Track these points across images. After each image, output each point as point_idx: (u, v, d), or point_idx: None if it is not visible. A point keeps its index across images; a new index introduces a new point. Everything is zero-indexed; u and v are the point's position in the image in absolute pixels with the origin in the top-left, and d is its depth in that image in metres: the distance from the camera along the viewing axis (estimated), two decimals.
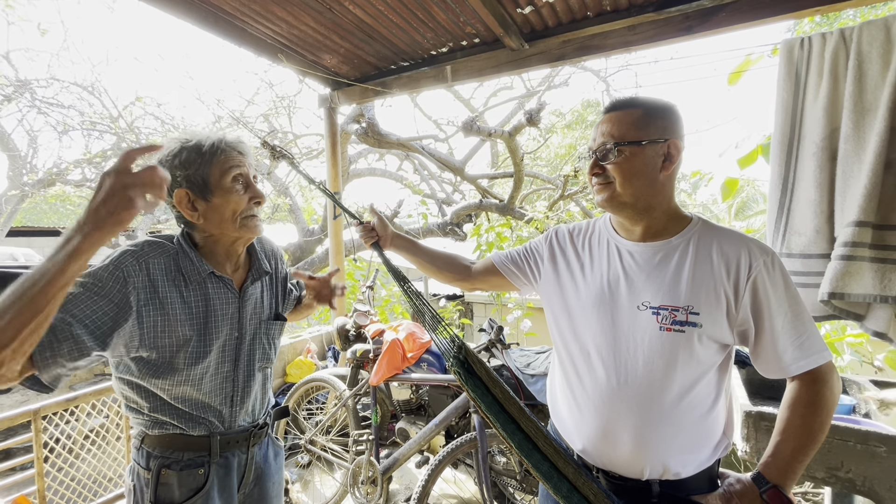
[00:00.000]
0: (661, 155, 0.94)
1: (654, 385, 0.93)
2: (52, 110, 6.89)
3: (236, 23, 2.67)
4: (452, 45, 2.90)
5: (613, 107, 0.98)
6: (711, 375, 0.94)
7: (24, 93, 6.69)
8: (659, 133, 0.93)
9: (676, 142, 0.94)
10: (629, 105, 0.96)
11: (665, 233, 0.99)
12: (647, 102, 0.96)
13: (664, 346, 0.91)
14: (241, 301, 1.12)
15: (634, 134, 0.93)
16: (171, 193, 1.02)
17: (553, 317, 1.10)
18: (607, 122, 0.97)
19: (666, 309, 0.92)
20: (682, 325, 0.90)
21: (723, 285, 0.91)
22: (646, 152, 0.93)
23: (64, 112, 6.79)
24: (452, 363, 1.08)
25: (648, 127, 0.93)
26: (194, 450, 1.06)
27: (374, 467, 2.02)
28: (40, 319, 0.70)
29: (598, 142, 0.97)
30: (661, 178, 0.95)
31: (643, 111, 0.94)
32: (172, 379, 1.00)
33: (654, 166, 0.94)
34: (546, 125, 9.32)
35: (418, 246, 1.37)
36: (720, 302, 0.91)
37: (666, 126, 0.94)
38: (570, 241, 1.14)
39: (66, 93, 6.82)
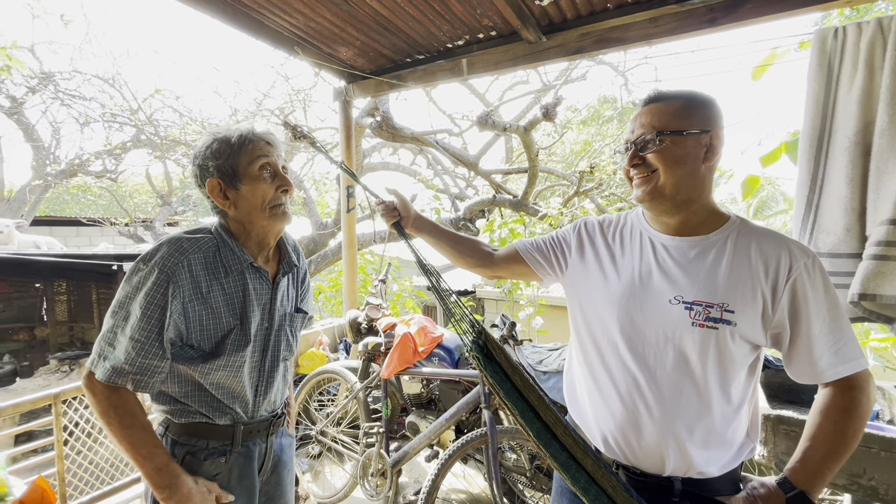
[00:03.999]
0: (704, 146, 0.92)
1: (683, 379, 0.91)
2: (74, 102, 7.03)
3: (254, 15, 2.68)
4: (469, 38, 2.87)
5: (653, 98, 0.96)
6: (741, 376, 0.92)
7: (48, 85, 6.83)
8: (701, 124, 0.92)
9: (719, 132, 0.93)
10: (669, 97, 0.95)
11: (702, 228, 0.97)
12: (688, 94, 0.94)
13: (696, 341, 0.90)
14: (273, 292, 1.15)
15: (676, 124, 0.92)
16: (204, 183, 1.07)
17: (579, 307, 1.09)
18: (647, 114, 0.95)
19: (700, 305, 0.90)
20: (716, 321, 0.89)
21: (760, 285, 0.89)
22: (688, 142, 0.91)
23: (85, 104, 6.92)
24: (472, 348, 1.06)
25: (690, 117, 0.92)
26: (218, 438, 1.08)
27: (384, 460, 2.02)
28: None
29: (638, 133, 0.96)
30: (702, 169, 0.93)
31: (684, 102, 0.93)
32: (214, 363, 1.03)
33: (696, 157, 0.92)
34: (561, 121, 9.21)
35: (441, 229, 1.34)
36: (756, 302, 0.89)
37: (708, 117, 0.93)
38: (601, 232, 1.12)
39: (87, 85, 6.97)
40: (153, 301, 0.96)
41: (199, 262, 1.02)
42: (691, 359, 0.91)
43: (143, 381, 0.97)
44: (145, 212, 10.87)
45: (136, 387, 0.97)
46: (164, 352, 0.98)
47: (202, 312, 1.01)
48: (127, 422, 0.98)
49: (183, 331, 1.00)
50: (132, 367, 0.95)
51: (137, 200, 11.44)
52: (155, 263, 0.97)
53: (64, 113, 8.60)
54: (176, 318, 0.98)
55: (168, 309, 0.96)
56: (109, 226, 8.93)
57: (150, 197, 11.20)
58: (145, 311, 0.95)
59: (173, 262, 0.98)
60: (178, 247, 1.01)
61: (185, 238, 1.04)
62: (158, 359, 0.97)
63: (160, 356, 0.97)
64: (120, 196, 9.20)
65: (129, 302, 0.97)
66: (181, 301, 0.98)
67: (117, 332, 0.97)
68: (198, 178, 1.08)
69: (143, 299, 0.95)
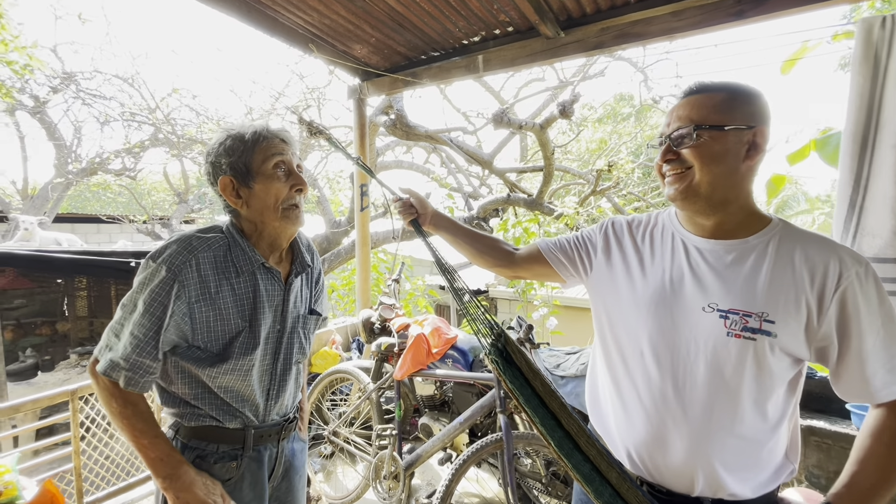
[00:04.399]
0: (746, 143, 0.85)
1: (716, 393, 0.86)
2: (94, 102, 7.16)
3: (268, 12, 2.67)
4: (485, 34, 2.82)
5: (693, 90, 0.89)
6: (780, 391, 0.86)
7: (70, 85, 6.97)
8: (745, 119, 0.85)
9: (764, 129, 0.85)
10: (711, 88, 0.88)
11: (740, 231, 0.90)
12: (732, 86, 0.87)
13: (731, 353, 0.84)
14: (286, 293, 1.12)
15: (717, 118, 0.85)
16: (216, 181, 1.04)
17: (605, 311, 1.03)
18: (685, 106, 0.88)
19: (736, 313, 0.84)
20: (754, 332, 0.82)
21: (805, 294, 0.82)
22: (728, 138, 0.84)
23: (105, 103, 7.05)
24: (490, 351, 1.02)
25: (733, 111, 0.85)
26: (229, 442, 1.06)
27: (397, 463, 2.00)
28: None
29: (673, 126, 0.89)
30: (742, 168, 0.86)
31: (727, 95, 0.86)
32: (221, 367, 1.00)
33: (736, 154, 0.85)
34: (577, 118, 9.08)
35: (459, 227, 1.29)
36: (800, 312, 0.82)
37: (753, 112, 0.85)
38: (629, 233, 1.05)
39: (107, 85, 7.10)
40: (157, 299, 0.94)
41: (208, 261, 1.00)
42: (725, 372, 0.85)
43: (133, 379, 0.95)
44: (163, 209, 11.05)
45: (127, 383, 0.95)
46: (157, 352, 0.96)
47: (209, 314, 0.99)
48: (129, 411, 0.96)
49: (187, 332, 0.98)
50: (126, 364, 0.94)
51: (156, 198, 11.64)
52: (163, 261, 0.95)
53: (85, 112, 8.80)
54: (178, 318, 0.96)
55: (170, 308, 0.94)
56: (128, 223, 9.11)
57: (167, 195, 11.39)
58: (148, 309, 0.93)
59: (181, 261, 0.96)
60: (187, 245, 0.99)
61: (195, 236, 1.02)
62: (152, 358, 0.95)
63: (153, 356, 0.95)
64: (139, 194, 9.37)
65: (136, 297, 0.95)
66: (186, 301, 0.96)
67: (124, 324, 0.96)
68: (210, 176, 1.06)
69: (147, 296, 0.94)
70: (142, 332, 0.93)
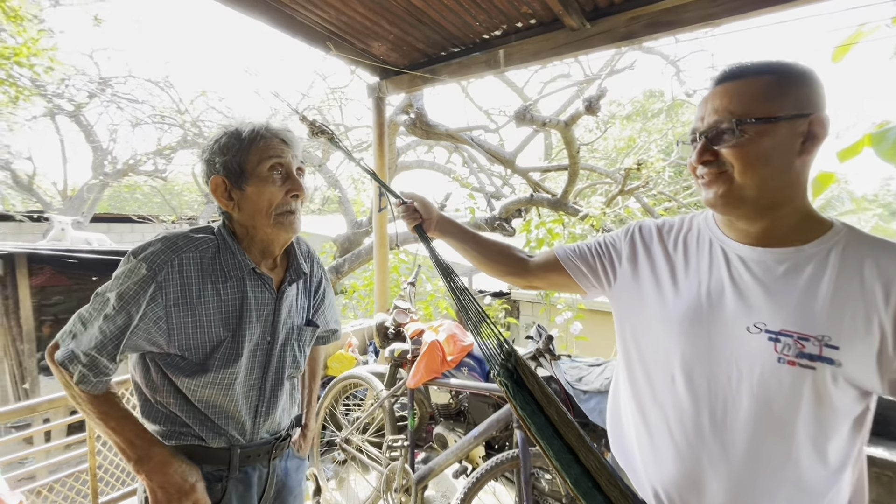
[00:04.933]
0: (801, 134, 0.71)
1: (763, 431, 0.72)
2: (128, 105, 7.41)
3: (286, 11, 2.64)
4: (506, 28, 2.71)
5: (730, 74, 0.75)
6: (844, 430, 0.72)
7: (105, 89, 7.22)
8: (798, 105, 0.71)
9: (821, 117, 0.71)
10: (753, 71, 0.73)
11: (794, 237, 0.76)
12: (779, 65, 0.73)
13: (782, 383, 0.70)
14: (277, 302, 1.04)
15: (764, 107, 0.71)
16: (208, 180, 0.98)
17: (630, 329, 0.91)
18: (722, 95, 0.74)
19: (790, 336, 0.71)
20: (812, 359, 0.69)
21: (877, 314, 0.68)
22: (779, 131, 0.71)
23: (138, 107, 7.27)
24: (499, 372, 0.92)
25: (783, 98, 0.71)
26: (213, 463, 0.99)
27: (409, 475, 1.91)
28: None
29: (710, 120, 0.75)
30: (796, 164, 0.72)
31: (775, 77, 0.72)
32: (200, 380, 0.94)
33: (789, 150, 0.71)
34: (604, 115, 8.81)
35: (468, 233, 1.19)
36: (871, 336, 0.68)
37: (807, 96, 0.71)
38: (659, 239, 0.92)
39: (140, 88, 7.34)
40: (131, 298, 0.88)
41: (193, 262, 0.93)
42: (775, 405, 0.71)
43: (87, 378, 0.89)
44: (193, 209, 11.38)
45: (80, 380, 0.89)
46: (117, 353, 0.89)
47: (187, 320, 0.92)
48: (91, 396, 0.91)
49: (160, 339, 0.91)
50: (85, 358, 0.88)
51: (188, 198, 12.00)
52: (143, 258, 0.89)
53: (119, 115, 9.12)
54: (150, 322, 0.89)
55: (142, 310, 0.88)
56: (159, 223, 9.41)
57: (198, 195, 11.72)
58: (119, 306, 0.87)
59: (163, 260, 0.90)
60: (171, 244, 0.92)
61: (182, 235, 0.95)
62: (110, 359, 0.89)
63: (112, 357, 0.89)
64: (170, 194, 9.67)
65: (110, 292, 0.89)
66: (164, 304, 0.89)
67: (94, 316, 0.90)
68: (204, 175, 0.99)
69: (122, 292, 0.88)
70: (109, 329, 0.87)
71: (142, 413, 1.00)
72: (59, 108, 7.28)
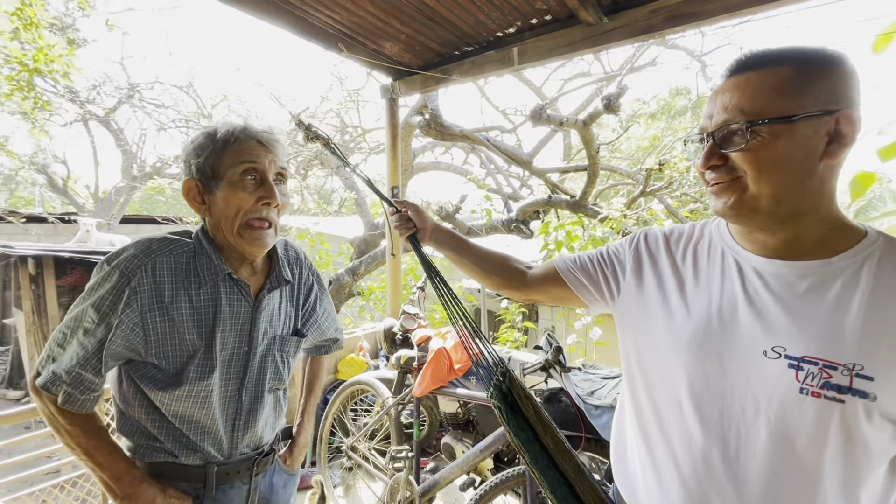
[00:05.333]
0: (826, 135, 0.61)
1: (784, 471, 0.63)
2: (155, 110, 7.63)
3: (297, 13, 2.63)
4: (521, 25, 2.63)
5: (745, 65, 0.65)
6: (879, 473, 0.62)
7: (133, 95, 7.46)
8: (822, 101, 0.61)
9: (850, 114, 0.61)
10: (770, 60, 0.64)
11: (820, 249, 0.66)
12: (800, 53, 0.63)
13: (805, 416, 0.61)
14: (254, 310, 0.99)
15: (780, 105, 0.61)
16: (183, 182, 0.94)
17: (634, 348, 0.82)
18: (733, 90, 0.65)
19: (814, 363, 0.61)
20: (841, 391, 0.59)
21: None
22: (798, 132, 0.61)
23: (164, 112, 7.48)
24: (492, 393, 0.86)
25: (804, 93, 0.61)
26: (188, 481, 0.95)
27: (413, 487, 1.85)
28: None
29: (718, 119, 0.66)
30: (820, 169, 0.63)
31: (794, 68, 0.62)
32: (175, 393, 0.89)
33: (810, 152, 0.62)
34: (628, 114, 8.58)
35: (463, 243, 1.12)
36: None
37: (834, 90, 0.61)
38: (666, 249, 0.83)
39: (166, 94, 7.55)
40: (106, 306, 0.84)
41: (165, 266, 0.89)
42: (797, 442, 0.62)
43: (73, 396, 0.86)
44: None
45: (65, 400, 0.85)
46: (101, 366, 0.86)
47: (164, 325, 0.88)
48: (77, 428, 0.87)
49: (139, 345, 0.87)
50: (68, 377, 0.85)
51: None
52: (116, 265, 0.86)
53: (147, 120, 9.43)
54: (127, 329, 0.85)
55: (118, 316, 0.84)
56: (183, 224, 9.67)
57: None
58: (96, 316, 0.84)
59: (135, 265, 0.86)
60: (145, 248, 0.89)
61: (156, 239, 0.92)
62: (95, 373, 0.86)
63: (97, 370, 0.86)
64: None
65: (85, 303, 0.86)
66: (139, 310, 0.86)
67: (70, 332, 0.87)
68: (181, 175, 0.96)
69: (97, 302, 0.85)
70: (90, 343, 0.84)
71: (117, 426, 0.97)
72: (90, 114, 7.57)
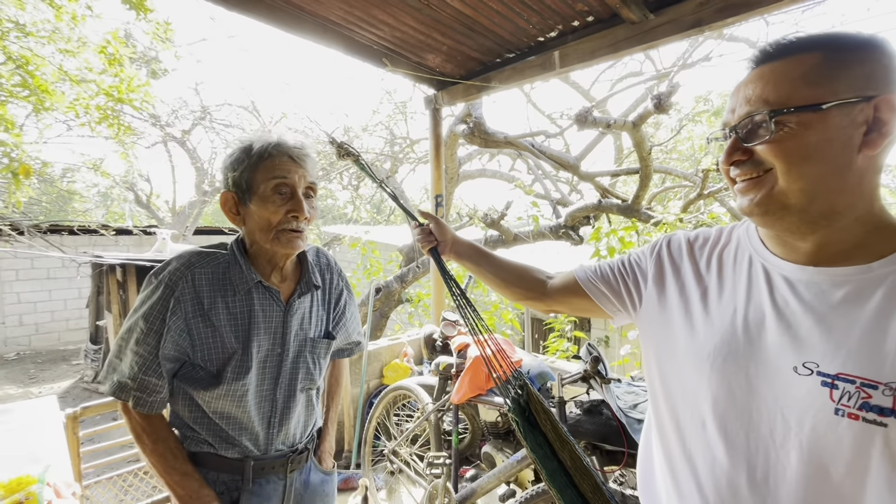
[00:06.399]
0: (861, 123, 0.55)
1: (819, 501, 0.57)
2: (224, 130, 8.29)
3: (343, 32, 2.76)
4: (562, 28, 2.59)
5: (770, 54, 0.61)
6: None
7: (205, 117, 8.16)
8: (856, 87, 0.55)
9: (891, 99, 0.55)
10: (797, 47, 0.59)
11: (858, 254, 0.59)
12: (831, 39, 0.58)
13: (842, 441, 0.55)
14: (286, 314, 1.05)
15: (808, 93, 0.56)
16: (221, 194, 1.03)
17: (655, 362, 0.78)
18: (757, 81, 0.61)
19: (851, 381, 0.55)
20: (883, 413, 0.53)
21: None
22: (830, 121, 0.55)
23: (231, 131, 8.11)
24: (511, 407, 0.86)
25: (834, 79, 0.56)
26: (228, 471, 1.02)
27: (450, 495, 1.85)
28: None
29: (741, 112, 0.62)
30: (858, 161, 0.57)
31: (823, 54, 0.57)
32: (214, 391, 0.97)
33: (845, 143, 0.56)
34: (686, 113, 8.11)
35: (483, 254, 1.12)
36: None
37: (872, 74, 0.56)
38: (690, 256, 0.78)
39: (233, 115, 8.19)
40: (156, 315, 0.93)
41: (204, 277, 0.98)
42: (834, 470, 0.56)
43: (142, 399, 0.95)
44: None
45: (136, 404, 0.95)
46: (161, 370, 0.95)
47: (206, 330, 0.96)
48: (160, 448, 0.97)
49: (187, 348, 0.96)
50: (134, 383, 0.94)
51: None
52: (161, 279, 0.95)
53: (217, 139, 10.27)
54: (176, 334, 0.94)
55: (167, 323, 0.93)
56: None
57: None
58: (148, 326, 0.93)
59: (178, 277, 0.96)
60: (186, 261, 0.98)
61: (195, 253, 1.01)
62: (157, 376, 0.94)
63: (159, 374, 0.94)
64: None
65: (137, 315, 0.96)
66: (183, 317, 0.94)
67: (123, 344, 0.96)
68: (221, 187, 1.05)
69: (147, 312, 0.94)
70: (146, 350, 0.93)
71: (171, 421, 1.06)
72: (169, 136, 8.38)
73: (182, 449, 0.99)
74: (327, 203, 13.80)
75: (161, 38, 4.23)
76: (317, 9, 2.48)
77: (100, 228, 6.86)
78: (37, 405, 1.87)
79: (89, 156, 7.98)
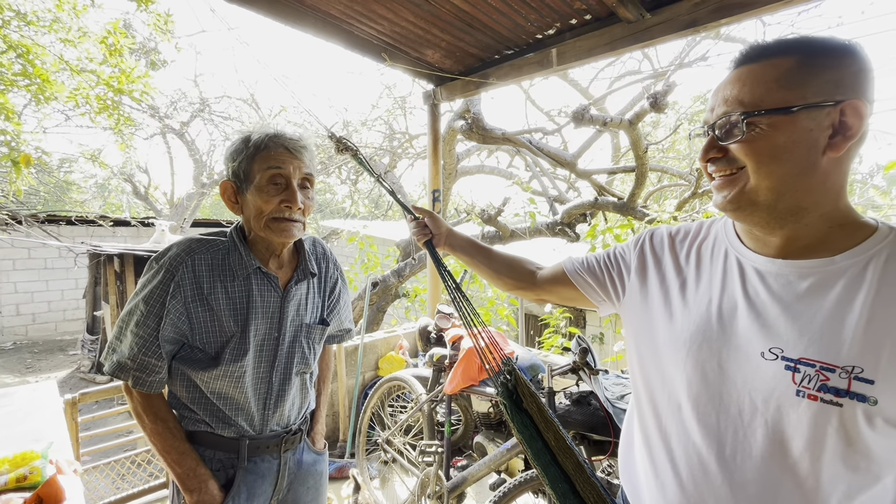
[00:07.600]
0: (827, 127, 0.59)
1: (779, 475, 0.62)
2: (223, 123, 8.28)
3: (343, 26, 2.78)
4: (560, 26, 2.62)
5: (748, 57, 0.65)
6: (887, 482, 0.58)
7: (204, 109, 8.14)
8: (825, 91, 0.59)
9: (857, 104, 0.59)
10: (774, 51, 0.62)
11: (823, 247, 0.64)
12: (807, 43, 0.61)
13: (802, 420, 0.59)
14: (283, 300, 1.09)
15: (780, 96, 0.60)
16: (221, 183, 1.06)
17: (636, 349, 0.82)
18: (735, 82, 0.64)
19: (811, 365, 0.59)
20: (839, 394, 0.57)
21: None
22: (798, 124, 0.60)
23: (230, 124, 8.11)
24: (499, 391, 0.90)
25: (805, 83, 0.60)
26: (224, 450, 1.05)
27: (442, 482, 1.89)
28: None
29: (719, 112, 0.66)
30: (822, 163, 0.61)
31: (798, 58, 0.61)
32: (212, 372, 1.01)
33: (811, 145, 0.60)
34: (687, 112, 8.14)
35: (476, 246, 1.18)
36: None
37: (838, 80, 0.59)
38: (671, 249, 0.82)
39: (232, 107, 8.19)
40: (156, 298, 0.96)
41: (204, 262, 1.01)
42: (794, 446, 0.60)
43: (141, 379, 0.98)
44: None
45: (136, 383, 0.98)
46: (161, 351, 0.98)
47: (205, 314, 0.99)
48: (160, 427, 1.00)
49: (186, 331, 0.99)
50: (133, 363, 0.97)
51: None
52: (162, 263, 0.98)
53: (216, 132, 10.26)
54: (175, 317, 0.97)
55: (166, 306, 0.96)
56: None
57: None
58: (150, 308, 0.96)
59: (178, 262, 0.98)
60: (186, 247, 1.01)
61: (196, 239, 1.04)
62: (156, 357, 0.98)
63: (158, 355, 0.97)
64: None
65: (138, 298, 0.99)
66: (183, 300, 0.97)
67: (123, 326, 0.99)
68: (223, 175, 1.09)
69: (147, 296, 0.97)
70: (146, 332, 0.96)
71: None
72: (168, 128, 8.37)
73: (180, 429, 1.03)
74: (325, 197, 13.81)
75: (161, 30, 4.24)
76: (317, 3, 2.49)
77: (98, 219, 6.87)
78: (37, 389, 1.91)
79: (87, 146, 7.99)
